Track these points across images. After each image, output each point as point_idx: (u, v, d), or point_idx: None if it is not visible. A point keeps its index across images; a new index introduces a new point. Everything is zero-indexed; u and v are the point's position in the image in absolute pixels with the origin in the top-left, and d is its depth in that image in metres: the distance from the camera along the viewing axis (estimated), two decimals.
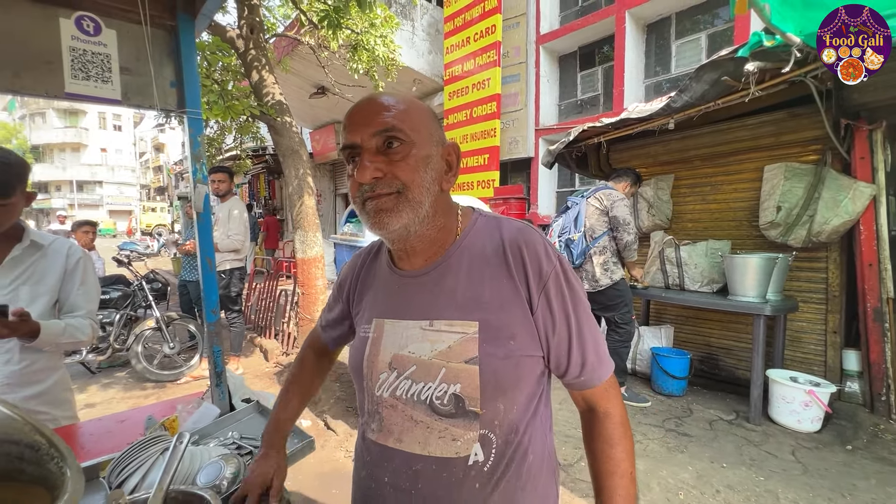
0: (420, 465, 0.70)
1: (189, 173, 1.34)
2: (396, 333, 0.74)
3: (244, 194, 14.18)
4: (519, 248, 0.71)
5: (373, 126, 0.67)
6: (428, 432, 0.69)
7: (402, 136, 0.67)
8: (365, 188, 0.67)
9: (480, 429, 0.68)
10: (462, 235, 0.76)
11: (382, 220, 0.68)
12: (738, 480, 2.28)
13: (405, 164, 0.68)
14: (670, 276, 3.68)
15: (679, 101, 2.96)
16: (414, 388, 0.70)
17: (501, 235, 0.73)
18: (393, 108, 0.69)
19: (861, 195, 2.85)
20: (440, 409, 0.69)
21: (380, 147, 0.67)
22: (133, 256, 5.01)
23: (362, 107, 0.70)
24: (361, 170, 0.66)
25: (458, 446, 0.68)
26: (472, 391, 0.67)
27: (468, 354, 0.67)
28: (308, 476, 2.58)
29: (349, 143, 0.69)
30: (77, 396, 3.80)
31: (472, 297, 0.70)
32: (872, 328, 2.92)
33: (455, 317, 0.70)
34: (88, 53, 1.19)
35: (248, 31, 4.19)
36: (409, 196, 0.68)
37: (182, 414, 1.34)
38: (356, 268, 0.89)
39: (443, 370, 0.68)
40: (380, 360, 0.75)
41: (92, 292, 1.47)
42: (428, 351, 0.70)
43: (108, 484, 1.01)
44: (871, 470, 2.36)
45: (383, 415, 0.74)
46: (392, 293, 0.78)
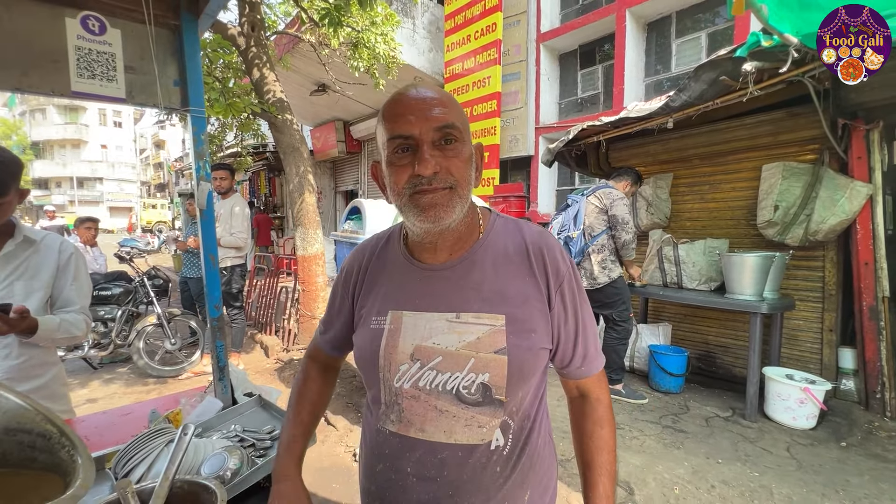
0: (446, 453, 0.72)
1: (192, 171, 1.36)
2: (419, 325, 0.75)
3: (245, 191, 14.19)
4: (541, 250, 0.77)
5: (433, 121, 0.68)
6: (454, 421, 0.72)
7: (457, 134, 0.70)
8: (422, 181, 0.68)
9: (503, 415, 0.73)
10: (485, 233, 0.80)
11: (438, 215, 0.69)
12: (733, 476, 2.31)
13: (459, 160, 0.70)
14: (668, 274, 3.70)
15: (678, 101, 2.98)
16: (439, 379, 0.72)
17: (524, 237, 0.79)
18: (447, 103, 0.70)
19: (858, 194, 2.87)
20: (466, 398, 0.72)
21: (436, 141, 0.69)
22: (134, 253, 5.03)
23: (417, 98, 0.70)
24: (424, 162, 0.67)
25: (483, 433, 0.72)
26: (499, 380, 0.71)
27: (497, 345, 0.71)
28: (308, 471, 2.59)
29: (405, 134, 0.68)
30: (79, 391, 3.86)
31: (497, 291, 0.74)
32: (868, 326, 2.94)
33: (483, 310, 0.73)
34: (94, 52, 1.21)
35: (250, 29, 4.20)
36: (460, 192, 0.71)
37: (185, 407, 1.36)
38: (363, 260, 0.88)
39: (472, 360, 0.71)
40: (399, 352, 0.75)
41: (85, 287, 1.49)
42: (455, 342, 0.73)
43: (115, 474, 1.04)
44: (864, 466, 2.38)
45: (403, 406, 0.75)
46: (412, 286, 0.79)
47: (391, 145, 0.70)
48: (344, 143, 10.32)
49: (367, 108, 9.08)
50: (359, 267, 0.88)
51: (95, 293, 4.21)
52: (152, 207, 28.85)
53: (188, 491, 0.90)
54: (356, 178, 11.06)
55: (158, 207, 28.72)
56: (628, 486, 2.24)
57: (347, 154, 10.57)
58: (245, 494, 1.06)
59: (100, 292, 4.23)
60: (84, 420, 1.46)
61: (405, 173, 0.69)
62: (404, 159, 0.70)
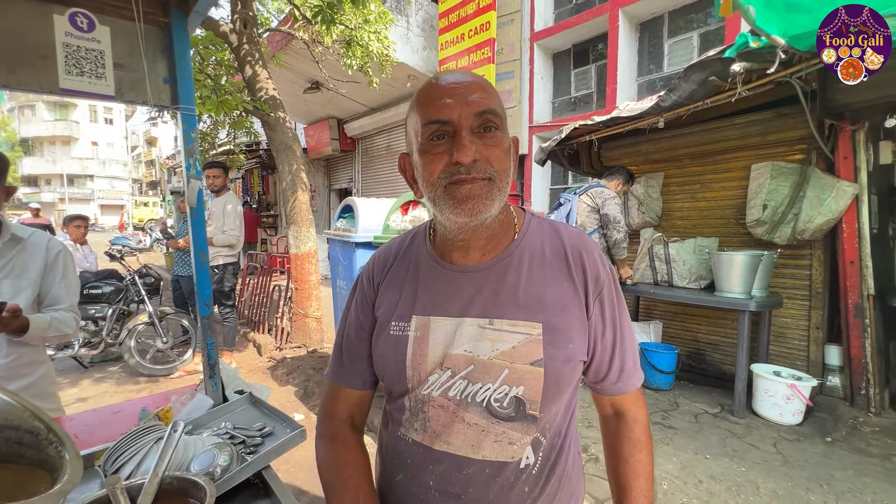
0: (472, 469, 0.67)
1: (182, 169, 1.36)
2: (447, 331, 0.70)
3: (238, 189, 14.11)
4: (580, 253, 0.72)
5: (474, 105, 0.63)
6: (483, 435, 0.67)
7: (497, 121, 0.65)
8: (461, 169, 0.63)
9: (535, 432, 0.68)
10: (521, 234, 0.75)
11: (475, 207, 0.64)
12: (721, 471, 2.34)
13: (499, 150, 0.65)
14: (659, 272, 3.74)
15: (668, 101, 3.01)
16: (470, 389, 0.67)
17: (562, 239, 0.74)
18: (487, 88, 0.66)
19: (844, 194, 2.92)
20: (498, 412, 0.67)
21: (475, 128, 0.64)
22: (125, 251, 4.99)
23: (455, 82, 0.66)
24: (463, 148, 0.62)
25: (513, 450, 0.67)
26: (534, 394, 0.66)
27: (533, 356, 0.66)
28: (301, 468, 2.61)
29: (442, 119, 0.64)
30: (69, 390, 3.83)
31: (534, 296, 0.69)
32: (853, 324, 2.99)
33: (518, 317, 0.68)
34: (82, 49, 1.20)
35: (242, 26, 4.18)
36: (499, 184, 0.66)
37: (176, 405, 1.36)
38: (386, 264, 0.82)
39: (505, 371, 0.66)
40: (429, 361, 0.70)
41: (73, 285, 1.49)
42: (488, 350, 0.67)
43: (104, 472, 1.04)
44: (848, 461, 2.43)
45: (429, 415, 0.70)
46: (439, 289, 0.74)
47: (426, 132, 0.65)
48: (338, 142, 10.28)
49: (361, 105, 9.06)
50: (381, 269, 0.82)
51: (86, 291, 4.17)
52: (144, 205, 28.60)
53: (177, 487, 0.91)
54: (350, 177, 11.03)
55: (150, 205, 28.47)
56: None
57: (341, 152, 10.54)
58: (235, 491, 1.07)
59: (90, 291, 4.20)
60: (73, 418, 1.46)
61: (441, 161, 0.65)
62: (440, 146, 0.65)
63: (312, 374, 3.95)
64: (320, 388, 3.61)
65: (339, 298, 3.37)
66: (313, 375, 3.91)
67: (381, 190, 9.74)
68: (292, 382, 3.86)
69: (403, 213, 2.56)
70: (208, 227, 4.12)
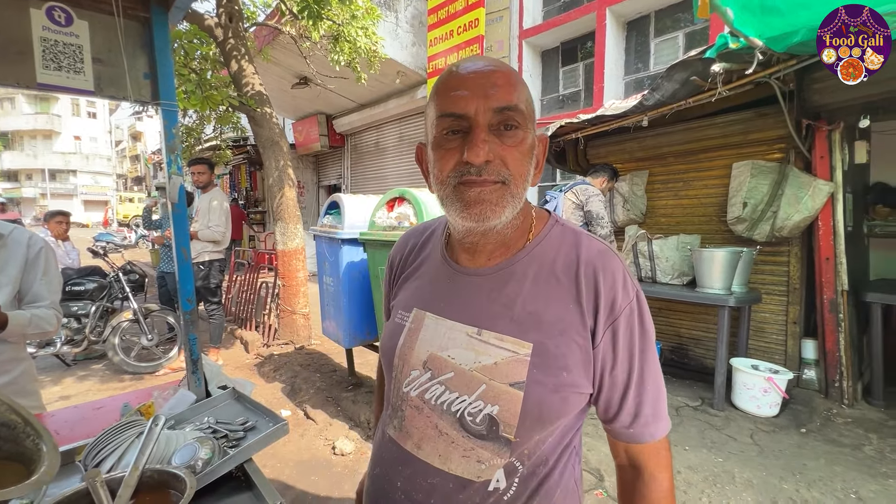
0: (437, 480, 0.64)
1: (164, 165, 1.36)
2: (438, 332, 0.68)
3: (225, 186, 13.95)
4: (595, 272, 0.63)
5: (493, 99, 0.58)
6: (452, 447, 0.63)
7: (519, 119, 0.60)
8: (471, 170, 0.59)
9: (510, 457, 0.62)
10: (534, 241, 0.68)
11: (484, 213, 0.60)
12: (699, 462, 2.41)
13: (517, 151, 0.60)
14: (643, 268, 3.80)
15: (651, 100, 3.05)
16: (446, 397, 0.64)
17: (578, 254, 0.65)
18: (513, 81, 0.60)
19: (820, 192, 3.00)
20: (470, 427, 0.62)
21: (493, 126, 0.59)
22: (109, 248, 4.92)
23: (476, 72, 0.60)
24: (475, 147, 0.57)
25: (481, 469, 0.62)
26: (509, 417, 0.60)
27: (514, 377, 0.61)
28: (287, 464, 2.62)
29: (457, 113, 0.59)
30: (51, 389, 3.78)
31: (531, 312, 0.63)
32: (828, 319, 3.08)
33: (509, 331, 0.63)
34: (60, 44, 1.20)
35: (227, 20, 4.14)
36: (513, 189, 0.61)
37: (158, 400, 1.37)
38: (405, 251, 0.83)
39: (482, 387, 0.62)
40: (414, 356, 0.69)
41: (54, 282, 1.48)
42: (470, 361, 0.63)
43: (84, 467, 1.04)
44: (821, 451, 2.51)
45: (406, 414, 0.69)
46: (441, 286, 0.72)
47: (440, 125, 0.61)
48: (327, 137, 10.21)
49: (350, 101, 9.01)
50: (401, 257, 0.83)
51: (68, 288, 4.11)
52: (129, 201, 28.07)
53: (158, 480, 0.92)
54: (339, 173, 10.97)
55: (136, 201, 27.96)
56: (598, 473, 2.31)
57: (330, 148, 10.47)
58: (217, 484, 1.08)
59: (73, 287, 4.14)
60: (54, 415, 1.45)
61: (452, 158, 0.60)
62: (453, 142, 0.60)
63: (300, 370, 3.95)
64: (307, 385, 3.61)
65: (326, 295, 3.38)
66: (300, 372, 3.91)
67: (371, 187, 9.71)
68: (279, 379, 3.85)
69: (389, 209, 2.58)
70: (194, 223, 4.09)
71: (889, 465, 2.36)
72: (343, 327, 3.15)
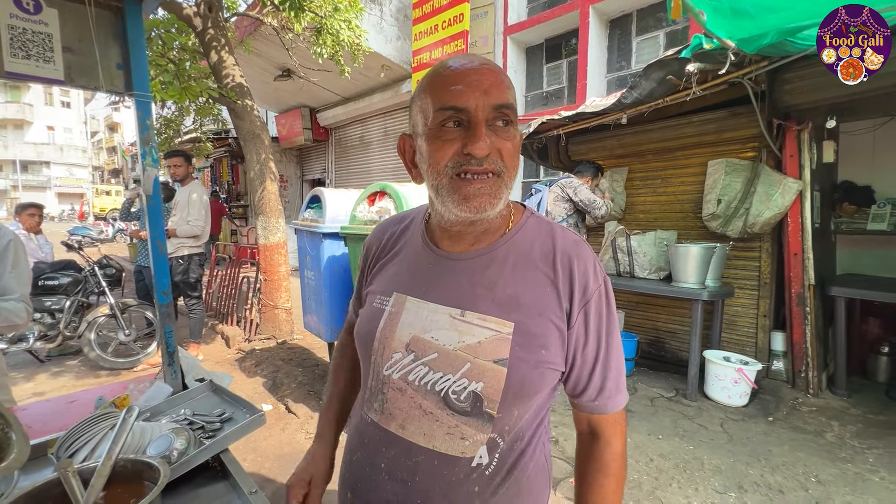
0: (421, 458, 0.67)
1: (138, 156, 1.35)
2: (420, 315, 0.70)
3: (206, 179, 13.68)
4: (570, 259, 0.69)
5: (492, 97, 0.62)
6: (436, 425, 0.66)
7: (513, 116, 0.64)
8: (472, 161, 0.62)
9: (492, 432, 0.66)
10: (513, 230, 0.73)
11: (482, 204, 0.64)
12: (671, 450, 2.49)
13: (511, 145, 0.64)
14: (621, 263, 3.89)
15: (629, 98, 3.11)
16: (430, 377, 0.67)
17: (554, 242, 0.71)
18: (506, 81, 0.64)
19: (789, 190, 3.11)
20: (454, 405, 0.65)
21: (490, 121, 0.63)
22: (85, 242, 4.81)
23: (475, 69, 0.63)
24: (478, 141, 0.61)
25: (465, 445, 0.66)
26: (493, 393, 0.64)
27: (498, 354, 0.64)
28: (268, 458, 2.62)
29: (459, 106, 0.61)
30: (24, 385, 3.70)
31: (511, 295, 0.67)
32: (796, 312, 3.21)
33: (491, 312, 0.67)
34: (28, 32, 1.17)
35: (207, 10, 4.06)
36: (506, 181, 0.65)
37: (133, 393, 1.36)
38: (382, 238, 0.85)
39: (467, 365, 0.65)
40: (395, 339, 0.71)
41: (24, 275, 1.47)
42: (454, 341, 0.66)
43: (57, 459, 1.04)
44: (786, 437, 2.63)
45: (388, 396, 0.70)
46: (422, 271, 0.74)
47: (438, 117, 0.63)
48: (310, 131, 10.10)
49: (334, 95, 8.92)
50: (378, 245, 0.85)
51: (41, 283, 4.01)
52: (106, 194, 27.27)
53: (132, 470, 0.92)
54: (324, 167, 10.87)
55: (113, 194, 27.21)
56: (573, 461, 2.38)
57: (314, 142, 10.36)
58: (194, 474, 1.09)
59: (46, 282, 4.04)
60: (26, 409, 1.43)
61: (451, 149, 0.63)
62: (452, 133, 0.63)
63: (281, 364, 3.94)
64: (289, 379, 3.60)
65: (308, 289, 3.37)
66: (282, 367, 3.90)
67: (355, 181, 9.64)
68: (261, 374, 3.83)
69: (370, 203, 2.58)
70: (172, 216, 4.02)
71: (848, 450, 2.48)
72: (325, 321, 3.15)
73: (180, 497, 1.01)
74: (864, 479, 2.21)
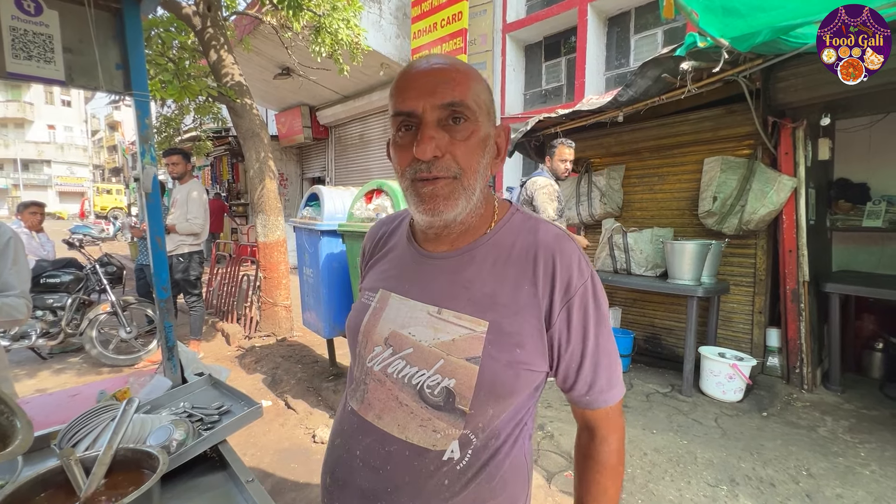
0: (394, 448, 0.68)
1: (137, 154, 1.38)
2: (401, 311, 0.72)
3: (206, 178, 13.71)
4: (552, 256, 0.67)
5: (438, 96, 0.61)
6: (410, 417, 0.67)
7: (468, 113, 0.63)
8: (421, 167, 0.62)
9: (464, 428, 0.66)
10: (495, 229, 0.73)
11: (437, 208, 0.64)
12: (665, 444, 2.52)
13: (466, 145, 0.63)
14: (618, 260, 3.91)
15: (625, 96, 3.13)
16: (407, 371, 0.68)
17: (536, 238, 0.70)
18: (460, 76, 0.63)
19: (784, 187, 3.13)
20: (429, 399, 0.67)
21: (442, 121, 0.62)
22: (86, 240, 4.84)
23: (424, 70, 0.63)
24: (422, 144, 0.60)
25: (436, 438, 0.66)
26: (465, 390, 0.64)
27: (470, 353, 0.65)
28: (267, 452, 2.66)
29: (406, 111, 0.63)
30: (27, 382, 3.74)
31: (488, 294, 0.67)
32: (790, 308, 3.23)
33: (466, 311, 0.67)
34: (30, 33, 1.20)
35: (206, 9, 4.08)
36: (465, 183, 0.64)
37: (134, 386, 1.39)
38: (375, 237, 0.88)
39: (440, 361, 0.66)
40: (377, 333, 0.73)
41: (24, 272, 1.49)
42: (430, 338, 0.68)
43: (59, 449, 1.07)
44: (779, 432, 2.65)
45: (369, 387, 0.72)
46: (406, 269, 0.76)
47: (394, 123, 0.66)
48: (310, 129, 10.11)
49: (334, 93, 8.93)
50: (371, 244, 0.88)
51: (43, 281, 4.05)
52: (107, 192, 27.30)
53: (132, 459, 0.95)
54: (323, 165, 10.89)
55: (114, 193, 27.24)
56: (569, 456, 2.41)
57: (314, 140, 10.38)
58: (192, 464, 1.12)
59: (47, 280, 4.08)
60: (29, 402, 1.47)
61: (406, 155, 0.64)
62: (406, 139, 0.64)
63: (281, 361, 3.97)
64: (288, 376, 3.64)
65: (306, 286, 3.40)
66: (282, 363, 3.93)
67: (355, 179, 9.66)
68: (260, 370, 3.87)
69: (368, 201, 2.61)
70: (171, 214, 4.05)
71: (840, 444, 2.51)
72: (323, 318, 3.18)
73: (179, 486, 1.04)
74: (855, 473, 2.24)
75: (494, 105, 0.70)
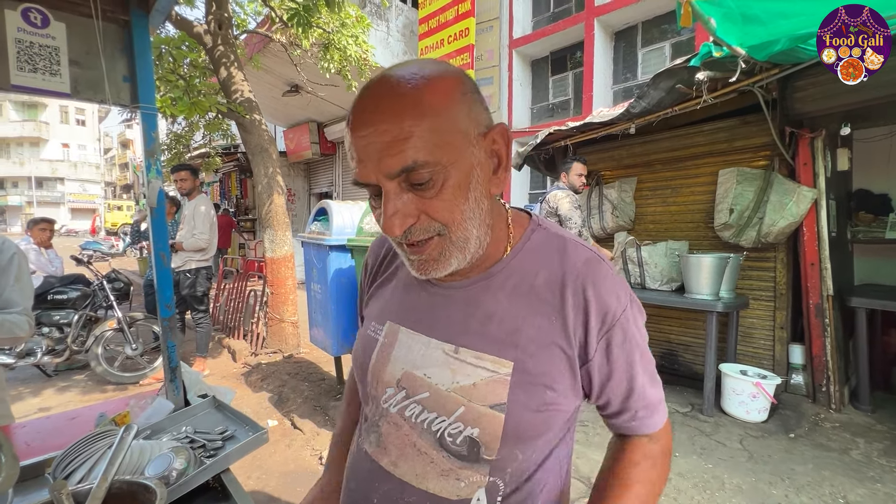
0: (413, 499, 0.61)
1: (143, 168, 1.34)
2: (412, 349, 0.64)
3: (215, 193, 13.84)
4: (584, 286, 0.59)
5: (385, 164, 0.50)
6: (430, 466, 0.61)
7: (430, 167, 0.50)
8: (398, 238, 0.56)
9: (490, 475, 0.60)
10: (513, 252, 0.64)
11: (429, 270, 0.58)
12: (689, 468, 2.40)
13: (440, 200, 0.53)
14: (632, 275, 3.82)
15: (638, 107, 3.09)
16: (426, 416, 0.61)
17: (564, 263, 0.61)
18: (409, 120, 0.49)
19: (804, 199, 3.04)
20: (450, 448, 0.60)
21: (404, 186, 0.53)
22: (96, 256, 4.85)
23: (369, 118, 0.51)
24: (388, 221, 0.53)
25: (460, 488, 0.60)
26: (490, 440, 0.58)
27: (495, 399, 0.57)
28: (273, 475, 2.57)
29: (361, 182, 0.54)
30: (31, 400, 3.69)
31: (510, 329, 0.59)
32: (814, 324, 3.11)
33: (486, 350, 0.59)
34: (36, 46, 1.18)
35: (217, 27, 4.13)
36: (454, 237, 0.56)
37: (134, 409, 1.33)
38: (379, 254, 0.80)
39: (461, 409, 0.58)
40: (388, 373, 0.65)
41: (27, 288, 1.46)
42: (448, 381, 0.60)
43: (53, 479, 1.00)
44: (809, 455, 2.52)
45: (382, 430, 0.66)
46: (414, 298, 0.68)
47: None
48: (318, 145, 10.20)
49: (341, 109, 9.01)
50: (374, 261, 0.81)
51: (50, 297, 4.03)
52: (118, 209, 27.73)
53: (127, 491, 0.88)
54: (331, 181, 10.95)
55: (124, 209, 27.64)
56: (588, 481, 2.29)
57: (322, 156, 10.46)
58: (193, 495, 1.05)
59: (55, 296, 4.06)
60: (26, 425, 1.41)
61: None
62: (377, 203, 0.56)
63: (287, 379, 3.89)
64: (295, 394, 3.55)
65: (314, 302, 3.34)
66: (288, 381, 3.85)
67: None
68: (266, 388, 3.79)
69: None
70: (181, 230, 4.04)
71: (876, 469, 2.37)
72: (331, 335, 3.12)
73: None
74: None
75: (481, 106, 0.57)
